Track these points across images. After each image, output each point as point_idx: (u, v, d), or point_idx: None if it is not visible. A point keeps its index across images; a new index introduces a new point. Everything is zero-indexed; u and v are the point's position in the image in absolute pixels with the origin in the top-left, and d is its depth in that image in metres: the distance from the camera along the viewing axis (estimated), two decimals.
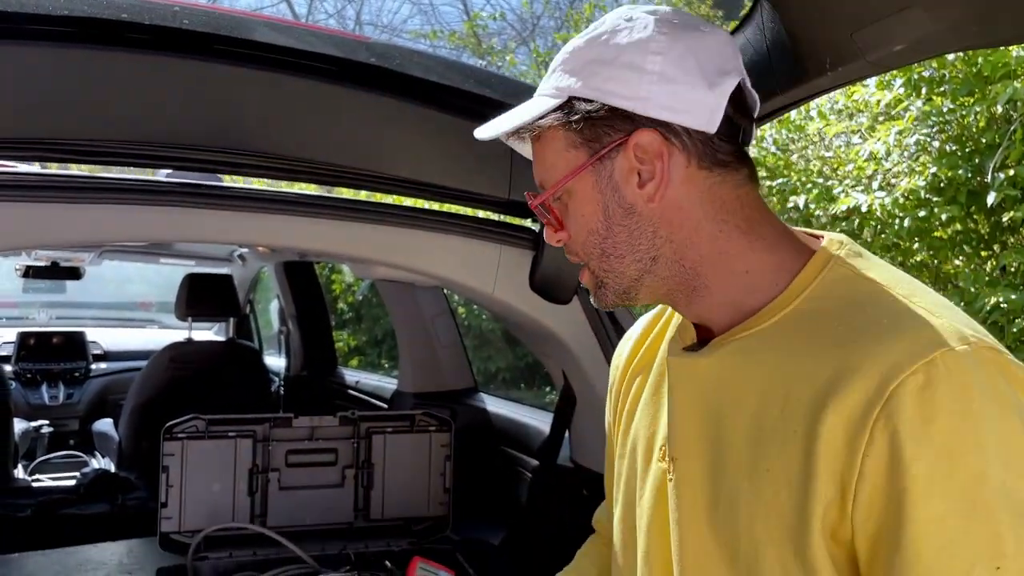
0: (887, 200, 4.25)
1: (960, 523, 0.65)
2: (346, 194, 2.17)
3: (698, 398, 0.84)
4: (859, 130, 5.00)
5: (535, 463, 2.08)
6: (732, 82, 0.80)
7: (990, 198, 3.87)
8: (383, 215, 1.63)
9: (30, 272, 3.90)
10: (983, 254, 4.46)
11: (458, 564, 1.74)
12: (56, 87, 1.21)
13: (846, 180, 4.83)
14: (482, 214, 1.84)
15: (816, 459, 0.70)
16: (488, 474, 2.28)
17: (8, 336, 4.33)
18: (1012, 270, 4.11)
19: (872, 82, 4.55)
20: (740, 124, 0.83)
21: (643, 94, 0.78)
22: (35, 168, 1.64)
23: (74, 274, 4.01)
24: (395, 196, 1.87)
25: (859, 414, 0.68)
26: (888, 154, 4.50)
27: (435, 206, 1.85)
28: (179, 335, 3.51)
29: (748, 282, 0.82)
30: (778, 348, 0.78)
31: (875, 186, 4.50)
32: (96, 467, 3.33)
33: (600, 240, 0.84)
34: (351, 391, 3.45)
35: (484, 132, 0.89)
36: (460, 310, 6.90)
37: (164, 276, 5.18)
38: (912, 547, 0.66)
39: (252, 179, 2.04)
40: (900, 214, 4.24)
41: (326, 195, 1.83)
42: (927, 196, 4.21)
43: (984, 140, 4.13)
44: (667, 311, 1.00)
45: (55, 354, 4.29)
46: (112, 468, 3.23)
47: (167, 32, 1.24)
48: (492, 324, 7.32)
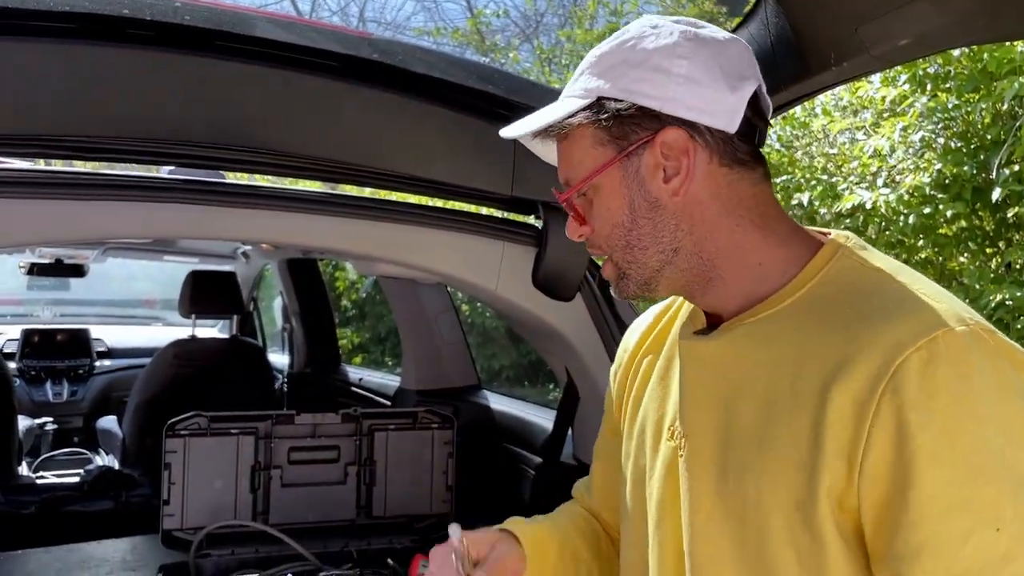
0: (891, 197, 4.24)
1: (962, 490, 0.69)
2: (350, 191, 2.17)
3: (709, 377, 0.89)
4: (864, 126, 4.98)
5: (538, 460, 2.07)
6: (751, 87, 0.85)
7: (995, 194, 3.86)
8: (386, 212, 1.63)
9: (34, 269, 3.91)
10: (988, 251, 4.45)
11: None
12: (58, 84, 1.21)
13: (850, 177, 4.82)
14: (485, 211, 1.84)
15: (824, 431, 0.75)
16: (491, 471, 2.28)
17: (12, 333, 4.34)
18: (1017, 267, 4.10)
19: (877, 78, 4.53)
20: (757, 125, 0.87)
21: (670, 95, 0.82)
22: (39, 165, 1.64)
23: (78, 271, 4.02)
24: (398, 193, 1.85)
25: (867, 389, 0.73)
26: (893, 151, 4.49)
27: (438, 203, 1.85)
28: (183, 332, 3.51)
29: (760, 273, 0.87)
30: (788, 330, 0.82)
31: (880, 183, 4.49)
32: (100, 464, 3.32)
33: (625, 232, 0.88)
34: (354, 388, 3.45)
35: (511, 132, 0.93)
36: (464, 307, 6.91)
37: (168, 273, 5.19)
38: (917, 511, 0.70)
39: (256, 176, 2.04)
40: (905, 211, 4.23)
41: (329, 192, 1.83)
42: (932, 193, 4.20)
43: (989, 136, 4.12)
44: (676, 303, 1.05)
45: (59, 351, 4.31)
46: (116, 465, 3.23)
47: (169, 28, 1.24)
48: (496, 321, 7.32)
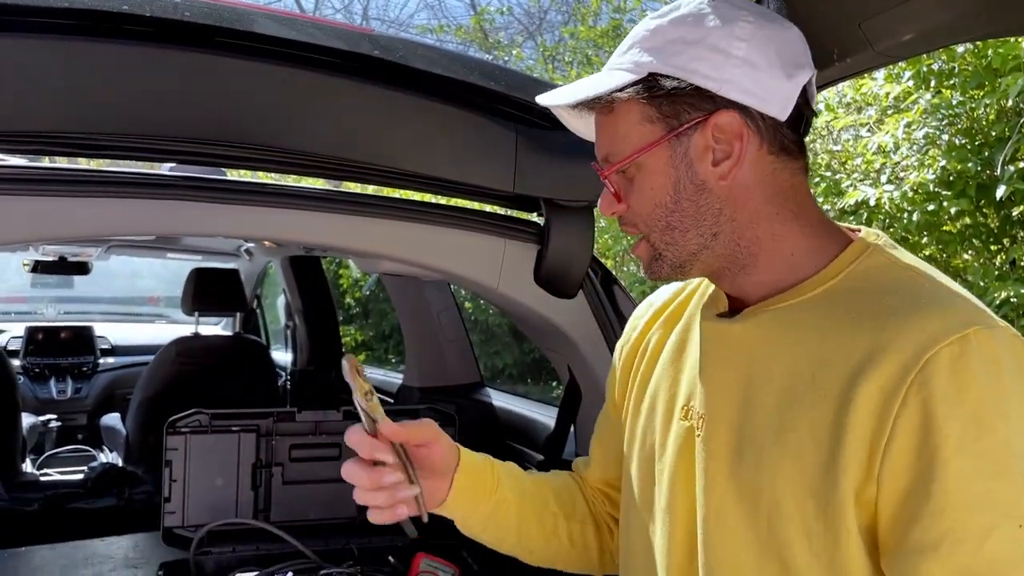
0: (896, 194, 4.22)
1: (986, 484, 0.69)
2: (352, 188, 2.16)
3: (730, 360, 0.88)
4: (867, 123, 4.96)
5: (540, 458, 2.07)
6: (806, 75, 0.84)
7: (1000, 191, 3.84)
8: (388, 209, 1.62)
9: (38, 267, 3.91)
10: (992, 248, 4.43)
11: (462, 560, 1.74)
12: (58, 80, 1.21)
13: (854, 174, 4.80)
14: (488, 208, 1.84)
15: (847, 420, 0.74)
16: None
17: (16, 331, 4.35)
18: (1021, 264, 4.08)
19: (880, 75, 4.51)
20: (805, 114, 0.87)
21: (727, 76, 0.81)
22: (41, 162, 1.64)
23: (82, 269, 4.02)
24: (401, 190, 1.85)
25: (894, 381, 0.72)
26: (897, 147, 4.47)
27: (440, 200, 1.84)
28: (187, 330, 3.52)
29: (792, 263, 0.86)
30: (814, 319, 0.82)
31: (884, 180, 4.47)
32: (104, 461, 3.32)
33: (667, 213, 0.86)
34: None
35: (549, 99, 0.91)
36: (467, 305, 6.91)
37: (172, 271, 5.19)
38: (939, 501, 0.69)
39: (258, 173, 2.03)
40: (909, 208, 4.21)
41: (331, 189, 1.82)
42: (936, 190, 4.18)
43: (994, 133, 4.10)
44: (692, 284, 1.04)
45: (63, 349, 4.31)
46: (119, 462, 3.23)
47: (169, 24, 1.23)
48: (499, 319, 7.32)
